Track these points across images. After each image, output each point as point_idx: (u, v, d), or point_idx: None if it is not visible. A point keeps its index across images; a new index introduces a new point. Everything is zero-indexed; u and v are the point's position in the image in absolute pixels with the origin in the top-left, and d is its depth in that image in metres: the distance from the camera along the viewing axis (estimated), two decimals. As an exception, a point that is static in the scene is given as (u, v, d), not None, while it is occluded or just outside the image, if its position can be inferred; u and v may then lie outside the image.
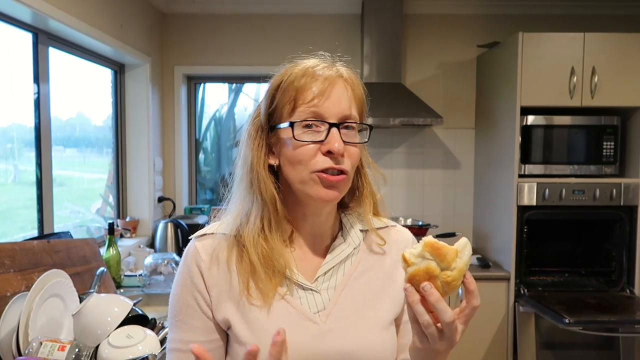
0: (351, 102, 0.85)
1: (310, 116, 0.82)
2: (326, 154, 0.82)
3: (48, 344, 1.36)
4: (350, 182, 0.88)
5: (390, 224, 0.98)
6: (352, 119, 0.84)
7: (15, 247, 1.59)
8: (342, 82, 0.85)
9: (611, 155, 2.71)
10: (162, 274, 2.45)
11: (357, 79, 0.88)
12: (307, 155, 0.82)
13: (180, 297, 0.86)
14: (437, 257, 0.68)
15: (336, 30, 3.25)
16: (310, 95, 0.82)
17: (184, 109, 3.39)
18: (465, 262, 0.69)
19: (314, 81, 0.83)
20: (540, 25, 3.18)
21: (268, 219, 0.86)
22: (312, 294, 0.86)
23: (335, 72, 0.85)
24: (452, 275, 0.68)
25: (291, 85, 0.83)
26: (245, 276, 0.84)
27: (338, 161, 0.82)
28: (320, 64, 0.86)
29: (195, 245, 0.88)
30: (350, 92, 0.85)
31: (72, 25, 2.13)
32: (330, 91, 0.83)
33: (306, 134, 0.82)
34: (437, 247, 0.68)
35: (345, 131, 0.83)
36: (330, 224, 0.92)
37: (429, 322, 0.70)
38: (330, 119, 0.82)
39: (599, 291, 2.70)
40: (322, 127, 0.82)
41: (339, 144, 0.81)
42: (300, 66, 0.85)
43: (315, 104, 0.82)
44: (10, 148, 2.13)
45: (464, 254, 0.69)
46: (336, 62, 0.88)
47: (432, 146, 3.31)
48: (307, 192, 0.84)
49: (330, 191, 0.83)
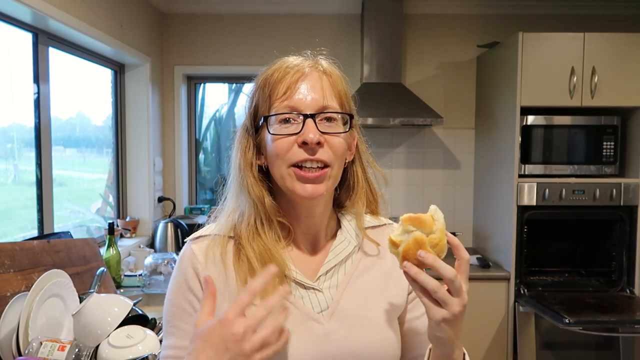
0: (327, 91, 0.83)
1: (285, 110, 0.81)
2: (302, 145, 0.80)
3: (48, 344, 1.36)
4: (338, 177, 0.86)
5: (387, 222, 0.98)
6: (331, 109, 0.82)
7: (15, 247, 1.59)
8: (318, 74, 0.84)
9: (611, 155, 2.71)
10: (162, 274, 2.45)
11: (336, 71, 0.87)
12: (283, 148, 0.81)
13: (175, 302, 0.85)
14: (419, 226, 0.73)
15: (336, 30, 3.25)
16: (283, 89, 0.81)
17: (184, 109, 3.39)
18: (442, 222, 0.75)
19: (287, 74, 0.82)
20: (540, 25, 3.18)
21: (260, 219, 0.86)
22: (315, 293, 0.85)
23: (310, 64, 0.84)
24: (437, 236, 0.73)
25: (266, 83, 0.84)
26: (243, 275, 0.83)
27: (314, 151, 0.80)
28: (297, 59, 0.85)
29: (191, 247, 0.87)
30: (327, 82, 0.84)
31: (72, 25, 2.13)
32: (302, 82, 0.82)
33: (282, 127, 0.81)
34: (415, 216, 0.74)
35: (325, 123, 0.82)
36: (326, 224, 0.91)
37: (436, 284, 0.72)
38: (306, 110, 0.81)
39: (599, 291, 2.70)
40: (298, 119, 0.81)
41: (314, 134, 0.79)
42: (276, 64, 0.85)
43: (288, 96, 0.81)
44: (10, 148, 2.13)
45: (438, 216, 0.75)
46: (317, 57, 0.88)
47: (432, 146, 3.31)
48: (287, 188, 0.83)
49: (309, 186, 0.81)
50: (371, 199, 0.95)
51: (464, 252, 0.75)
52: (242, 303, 0.68)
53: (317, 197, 0.82)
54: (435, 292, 0.71)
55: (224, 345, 0.67)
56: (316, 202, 0.85)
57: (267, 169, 0.87)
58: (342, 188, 0.93)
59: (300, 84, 0.82)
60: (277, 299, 0.69)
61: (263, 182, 0.87)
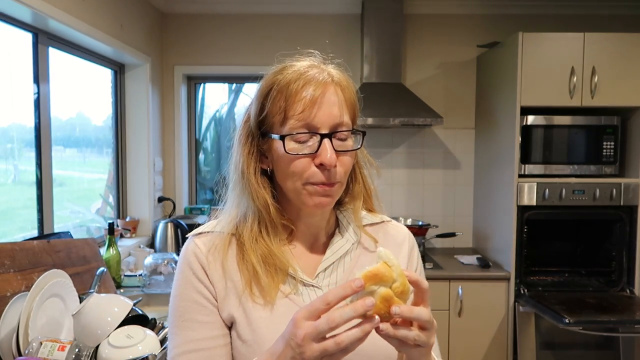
0: (343, 107, 0.82)
1: (302, 128, 0.80)
2: (319, 166, 0.80)
3: (48, 344, 1.36)
4: (344, 187, 0.88)
5: (386, 219, 0.99)
6: (344, 126, 0.82)
7: (15, 247, 1.59)
8: (333, 87, 0.82)
9: (611, 155, 2.71)
10: (162, 274, 2.45)
11: (348, 81, 0.86)
12: (299, 168, 0.81)
13: (185, 295, 0.85)
14: (381, 282, 0.67)
15: (336, 30, 3.25)
16: (301, 107, 0.79)
17: (184, 109, 3.39)
18: (397, 264, 0.69)
19: (304, 89, 0.80)
20: (540, 25, 3.18)
21: (264, 223, 0.86)
22: (314, 291, 0.86)
23: (325, 77, 0.82)
24: (400, 282, 0.68)
25: (281, 94, 0.81)
26: (247, 276, 0.84)
27: (330, 175, 0.81)
28: (310, 69, 0.83)
29: (194, 241, 0.88)
30: (342, 97, 0.82)
31: (72, 25, 2.13)
32: (322, 100, 0.80)
33: (299, 146, 0.81)
34: (373, 274, 0.67)
35: (338, 141, 0.82)
36: (326, 222, 0.92)
37: (416, 334, 0.68)
38: (322, 129, 0.80)
39: (599, 291, 2.70)
40: (314, 138, 0.80)
41: (332, 156, 0.79)
42: (290, 71, 0.82)
43: (306, 116, 0.79)
44: (10, 148, 2.13)
45: (390, 260, 0.69)
46: (327, 64, 0.86)
47: (432, 146, 3.31)
48: (301, 201, 0.84)
49: (323, 199, 0.82)
50: (366, 195, 0.96)
51: (424, 283, 0.71)
52: (313, 309, 0.66)
53: (327, 207, 0.84)
54: (416, 340, 0.69)
55: (289, 343, 0.67)
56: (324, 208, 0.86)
57: (271, 172, 0.87)
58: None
59: (318, 101, 0.80)
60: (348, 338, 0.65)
61: (266, 187, 0.87)
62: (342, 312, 0.64)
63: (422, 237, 3.04)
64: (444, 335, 2.73)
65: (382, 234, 0.96)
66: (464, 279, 2.72)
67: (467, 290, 2.72)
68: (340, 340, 0.64)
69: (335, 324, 0.64)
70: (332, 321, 0.64)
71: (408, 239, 0.98)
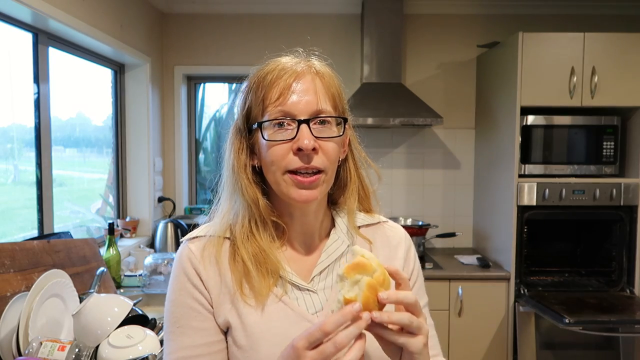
0: (322, 95, 0.82)
1: (279, 115, 0.80)
2: (297, 152, 0.79)
3: (48, 344, 1.36)
4: (332, 180, 0.86)
5: (382, 220, 0.98)
6: (325, 113, 0.81)
7: (15, 247, 1.59)
8: (311, 76, 0.82)
9: (611, 155, 2.71)
10: (162, 274, 2.45)
11: (329, 71, 0.85)
12: (278, 155, 0.80)
13: (180, 301, 0.84)
14: (364, 271, 0.69)
15: (336, 30, 3.25)
16: (277, 94, 0.80)
17: (184, 109, 3.39)
18: (373, 257, 0.71)
19: (280, 78, 0.80)
20: (540, 25, 3.19)
21: (254, 221, 0.86)
22: (309, 295, 0.85)
23: (303, 66, 0.83)
24: (380, 272, 0.70)
25: (259, 86, 0.82)
26: (238, 276, 0.83)
27: (310, 159, 0.80)
28: (290, 60, 0.84)
29: (189, 246, 0.87)
30: (320, 85, 0.82)
31: (72, 25, 2.13)
32: (296, 85, 0.80)
33: (277, 133, 0.80)
34: (355, 264, 0.69)
35: (318, 126, 0.81)
36: (320, 222, 0.91)
37: (408, 315, 0.69)
38: (300, 115, 0.80)
39: (599, 291, 2.70)
40: (292, 125, 0.80)
41: (309, 140, 0.78)
42: (270, 65, 0.84)
43: (282, 101, 0.80)
44: (10, 148, 2.13)
45: (368, 254, 0.71)
46: (310, 58, 0.86)
47: (432, 146, 3.31)
48: (282, 192, 0.83)
49: (304, 192, 0.81)
50: (363, 195, 0.94)
51: (403, 274, 0.72)
52: (311, 338, 0.66)
53: (312, 201, 0.83)
54: (411, 323, 0.69)
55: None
56: (311, 203, 0.85)
57: (260, 169, 0.87)
58: (335, 185, 0.92)
59: (294, 88, 0.80)
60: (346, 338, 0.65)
61: (257, 183, 0.87)
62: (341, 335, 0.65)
63: (422, 237, 3.04)
64: (444, 335, 2.73)
65: (378, 235, 0.95)
66: (464, 279, 2.72)
67: (467, 290, 2.72)
68: (340, 341, 0.65)
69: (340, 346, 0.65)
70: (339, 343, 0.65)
71: (404, 240, 0.97)
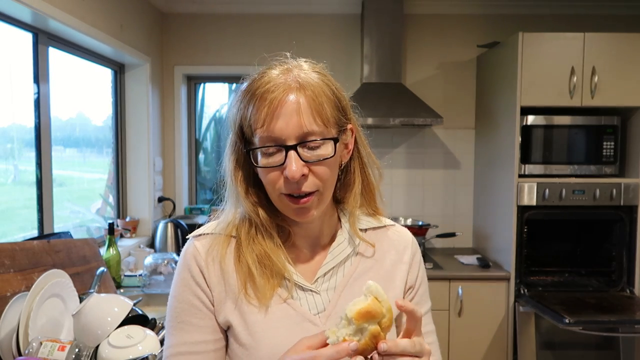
0: (307, 114, 0.77)
1: (267, 142, 0.78)
2: (287, 178, 0.79)
3: (48, 344, 1.36)
4: (329, 196, 0.85)
5: (389, 223, 0.97)
6: (313, 135, 0.78)
7: (15, 247, 1.59)
8: (295, 94, 0.78)
9: (611, 155, 2.71)
10: (162, 274, 2.45)
11: (316, 80, 0.80)
12: (271, 179, 0.81)
13: (182, 297, 0.85)
14: (373, 319, 0.67)
15: (336, 30, 3.25)
16: (262, 118, 0.77)
17: (184, 109, 3.39)
18: (386, 299, 0.68)
19: (264, 101, 0.78)
20: (540, 25, 3.19)
21: (257, 228, 0.87)
22: (312, 295, 0.85)
23: (290, 82, 0.79)
24: (388, 317, 0.68)
25: (247, 107, 0.80)
26: (243, 277, 0.84)
27: (300, 185, 0.79)
28: (274, 78, 0.79)
29: (194, 244, 0.88)
30: (305, 103, 0.78)
31: (72, 25, 2.13)
32: (281, 109, 0.77)
33: (267, 158, 0.80)
34: (366, 311, 0.66)
35: (307, 151, 0.79)
36: (326, 224, 0.91)
37: (411, 342, 0.69)
38: (288, 140, 0.77)
39: (599, 291, 2.70)
40: (281, 151, 0.78)
41: (296, 169, 0.77)
42: (255, 82, 0.80)
43: (266, 128, 0.77)
44: (10, 148, 2.13)
45: (381, 295, 0.68)
46: (295, 68, 0.82)
47: (432, 146, 3.31)
48: (281, 210, 0.84)
49: (300, 212, 0.82)
50: (369, 195, 0.93)
51: (418, 312, 0.71)
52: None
53: (310, 218, 0.83)
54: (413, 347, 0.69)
55: None
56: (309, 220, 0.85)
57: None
58: (340, 185, 0.91)
59: (279, 112, 0.77)
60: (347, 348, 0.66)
61: (258, 193, 0.87)
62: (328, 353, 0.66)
63: (422, 237, 3.04)
64: (444, 335, 2.73)
65: (383, 239, 0.94)
66: (464, 279, 2.72)
67: (467, 290, 2.72)
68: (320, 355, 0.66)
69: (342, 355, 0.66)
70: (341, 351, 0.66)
71: (411, 245, 0.95)
